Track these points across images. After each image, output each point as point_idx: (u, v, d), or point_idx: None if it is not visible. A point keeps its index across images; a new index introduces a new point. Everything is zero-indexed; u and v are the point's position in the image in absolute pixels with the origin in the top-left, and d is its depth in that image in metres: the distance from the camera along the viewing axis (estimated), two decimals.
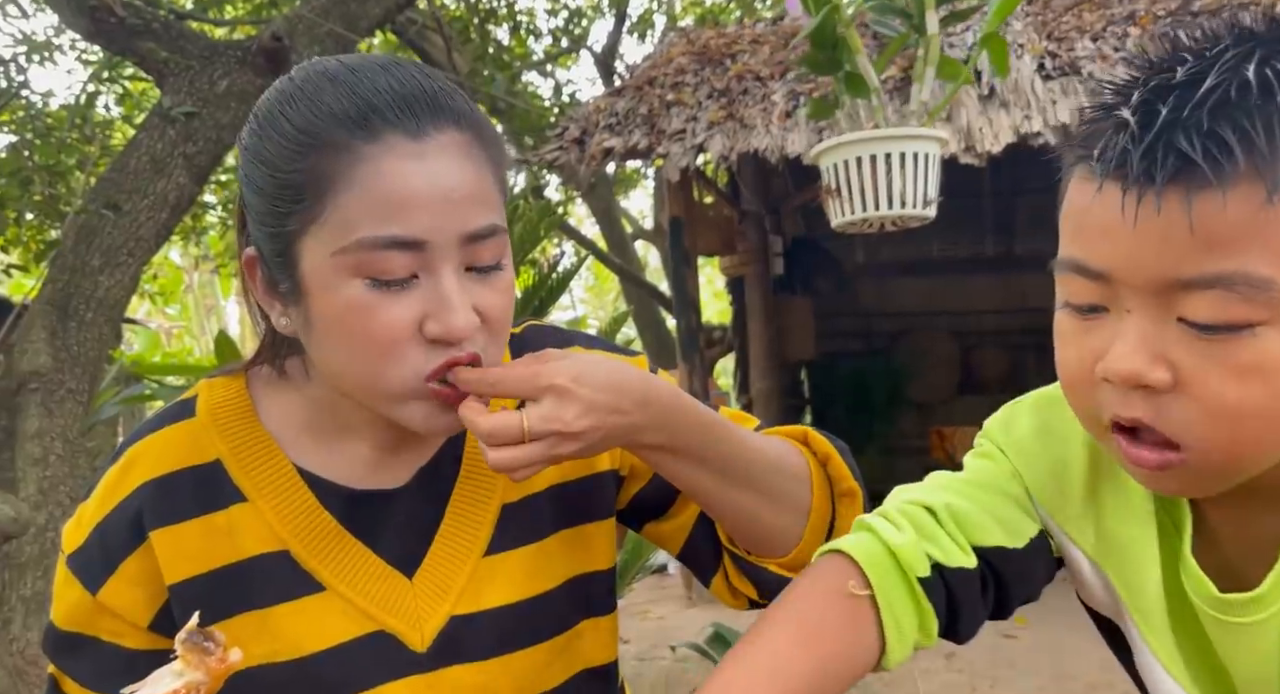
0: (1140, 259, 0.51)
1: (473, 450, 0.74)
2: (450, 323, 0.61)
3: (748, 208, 5.28)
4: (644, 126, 4.04)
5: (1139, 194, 0.49)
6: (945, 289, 6.67)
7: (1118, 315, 0.54)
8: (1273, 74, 0.49)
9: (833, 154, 2.01)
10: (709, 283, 11.62)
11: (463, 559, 0.71)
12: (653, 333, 8.13)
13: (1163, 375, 0.51)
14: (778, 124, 3.71)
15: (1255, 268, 0.49)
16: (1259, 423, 0.51)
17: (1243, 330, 0.49)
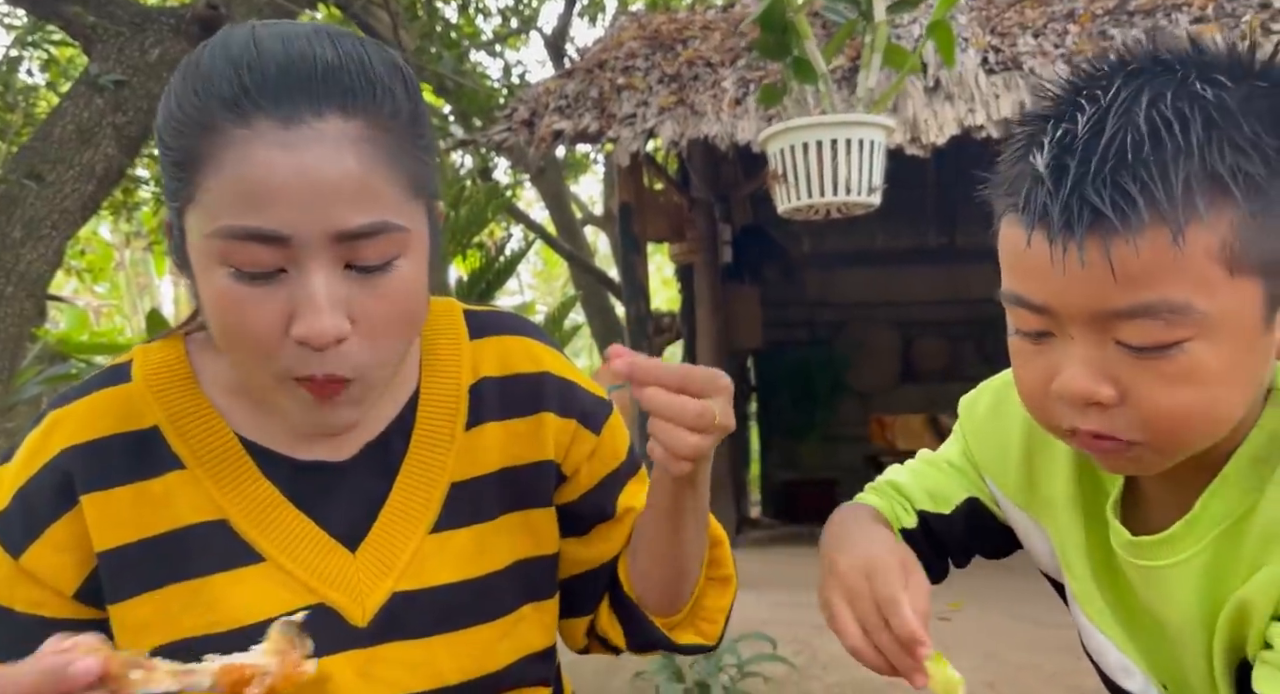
0: (1073, 296, 0.58)
1: (424, 426, 0.73)
2: (314, 325, 0.58)
3: (697, 195, 5.28)
4: (594, 110, 4.01)
5: (1063, 245, 0.57)
6: (888, 280, 6.78)
7: (1063, 340, 0.60)
8: (1159, 117, 0.55)
9: (780, 139, 2.03)
10: (658, 270, 11.62)
11: (408, 535, 0.70)
12: (601, 319, 8.11)
13: (1109, 392, 0.59)
14: (728, 111, 3.72)
15: (1173, 295, 0.55)
16: (1191, 421, 0.59)
17: (1172, 347, 0.56)
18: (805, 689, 2.85)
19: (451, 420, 0.73)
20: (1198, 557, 0.67)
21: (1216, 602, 0.67)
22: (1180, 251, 0.55)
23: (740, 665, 2.56)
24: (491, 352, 0.76)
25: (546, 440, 0.76)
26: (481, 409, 0.74)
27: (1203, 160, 0.55)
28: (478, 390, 0.74)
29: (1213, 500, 0.66)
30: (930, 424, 5.19)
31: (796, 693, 2.84)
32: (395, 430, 0.72)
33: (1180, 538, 0.67)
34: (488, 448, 0.74)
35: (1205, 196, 0.55)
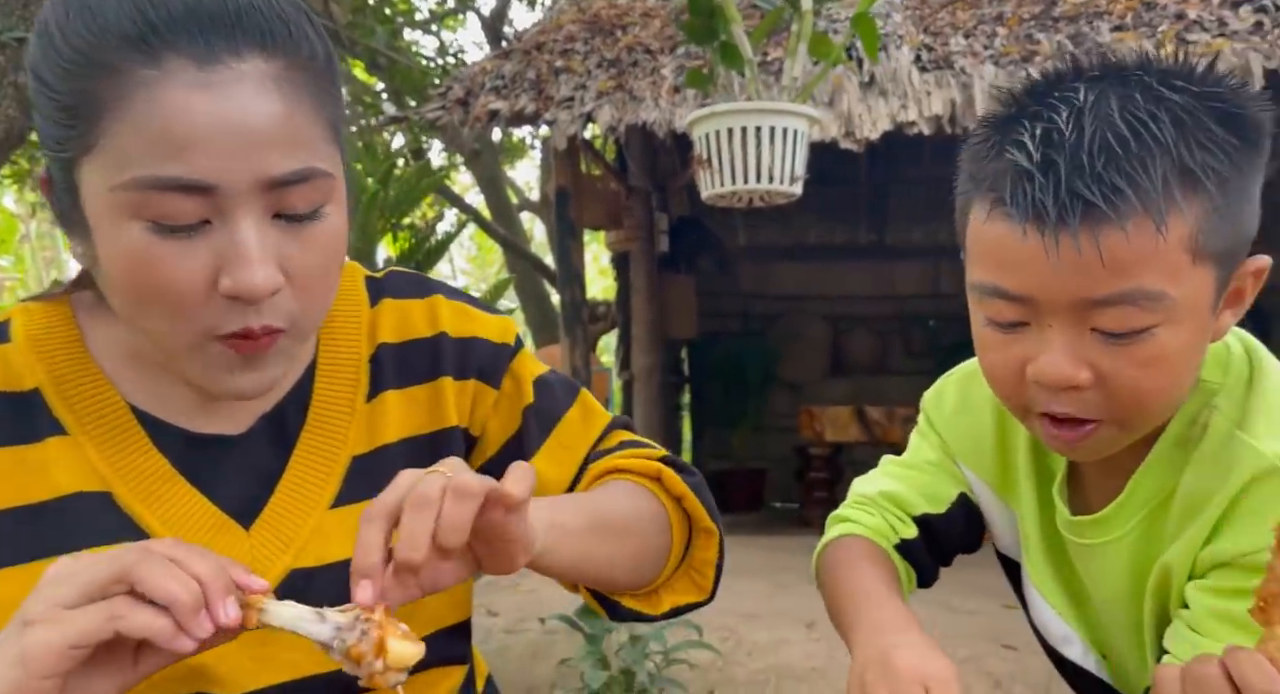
0: (1061, 286, 0.61)
1: (322, 397, 0.70)
2: (245, 279, 0.55)
3: (635, 184, 5.26)
4: (531, 91, 3.95)
5: (1056, 236, 0.60)
6: (820, 274, 6.88)
7: (1039, 328, 0.64)
8: (1133, 117, 0.59)
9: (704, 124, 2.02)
10: (594, 260, 11.59)
11: (307, 511, 0.67)
12: (536, 307, 8.03)
13: (1087, 375, 0.63)
14: (666, 98, 3.70)
15: (1151, 284, 0.60)
16: (1155, 397, 0.65)
17: (1143, 333, 0.61)
18: (729, 675, 2.87)
19: (352, 391, 0.70)
20: (1128, 535, 0.73)
21: (1144, 574, 0.73)
22: (1162, 240, 0.59)
23: (666, 652, 2.57)
24: (389, 317, 0.73)
25: (448, 406, 0.73)
26: (381, 378, 0.72)
27: (1178, 156, 0.59)
28: (376, 359, 0.72)
29: (1140, 484, 0.72)
30: (857, 416, 5.28)
31: (721, 679, 2.87)
32: (291, 402, 0.69)
33: (1111, 518, 0.73)
34: (389, 418, 0.71)
35: (1181, 189, 0.60)
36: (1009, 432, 0.83)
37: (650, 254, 5.40)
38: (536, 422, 0.77)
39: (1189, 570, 0.68)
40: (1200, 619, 0.66)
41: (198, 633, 0.50)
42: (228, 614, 0.51)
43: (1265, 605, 0.53)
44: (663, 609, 0.76)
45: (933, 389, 0.90)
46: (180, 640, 0.50)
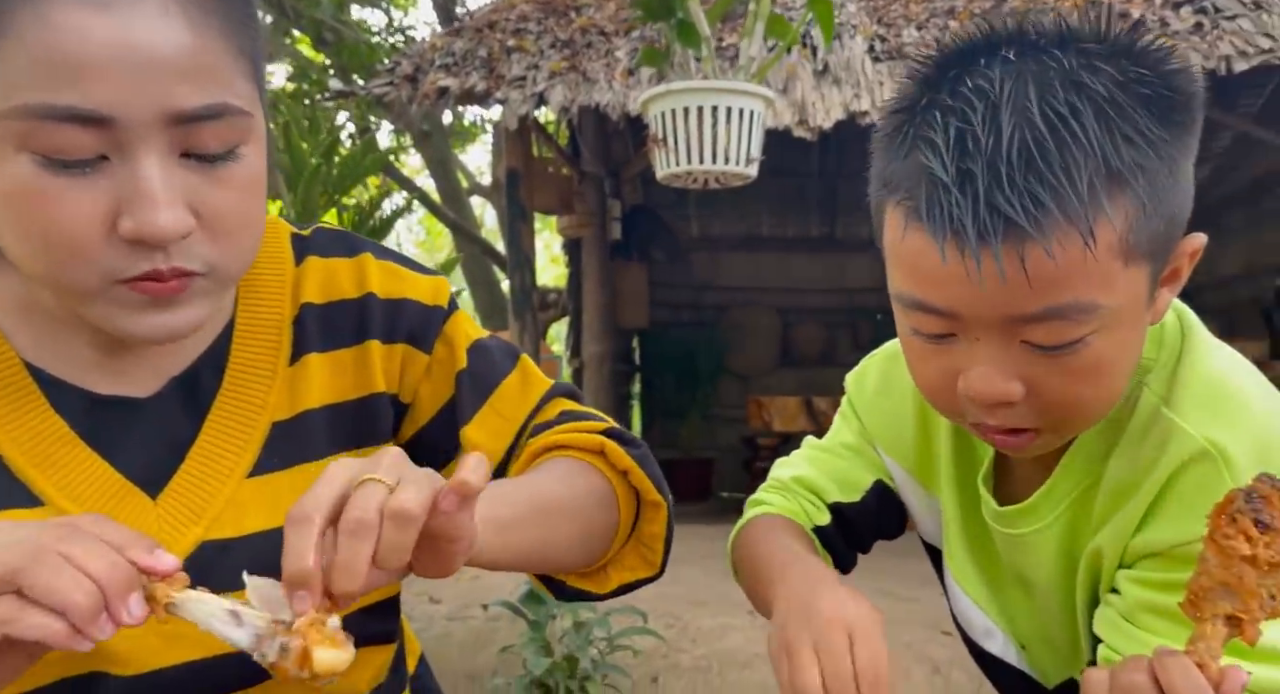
0: (986, 304, 0.57)
1: (240, 359, 0.66)
2: (148, 221, 0.51)
3: (588, 169, 5.20)
4: (482, 70, 3.87)
5: (977, 256, 0.55)
6: (771, 266, 6.93)
7: (968, 342, 0.60)
8: (1053, 112, 0.54)
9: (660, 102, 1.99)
10: (546, 248, 11.49)
11: (221, 479, 0.63)
12: (486, 293, 7.92)
13: (1018, 389, 0.59)
14: (620, 81, 3.66)
15: (1082, 296, 0.56)
16: (1091, 404, 0.62)
17: (1076, 343, 0.58)
18: (674, 661, 2.86)
19: (274, 354, 0.67)
20: (1056, 521, 0.70)
21: (1074, 559, 0.71)
22: (1090, 253, 0.55)
23: (610, 639, 2.54)
24: (315, 276, 0.69)
25: (375, 371, 0.69)
26: (304, 340, 0.68)
27: (1104, 158, 0.55)
28: (300, 321, 0.68)
29: (1067, 470, 0.70)
30: (805, 406, 5.32)
31: (665, 665, 2.85)
32: (206, 364, 0.65)
33: (1039, 506, 0.71)
34: (312, 382, 0.67)
35: (1107, 193, 0.55)
36: (930, 417, 0.79)
37: (602, 241, 5.35)
38: (471, 387, 0.73)
39: (1120, 556, 0.66)
40: (1132, 610, 0.64)
41: (96, 636, 0.46)
42: (131, 614, 0.47)
43: (1196, 599, 0.51)
44: (610, 587, 0.73)
45: (856, 368, 0.87)
46: (78, 642, 0.46)
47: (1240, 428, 0.62)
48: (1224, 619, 0.51)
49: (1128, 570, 0.66)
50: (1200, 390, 0.64)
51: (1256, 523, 0.51)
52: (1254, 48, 3.18)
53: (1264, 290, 4.65)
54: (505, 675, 2.64)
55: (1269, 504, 0.52)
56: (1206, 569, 0.52)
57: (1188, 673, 0.48)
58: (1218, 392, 0.64)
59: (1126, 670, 0.50)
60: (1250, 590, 0.50)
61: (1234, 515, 0.52)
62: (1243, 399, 0.64)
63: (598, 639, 2.53)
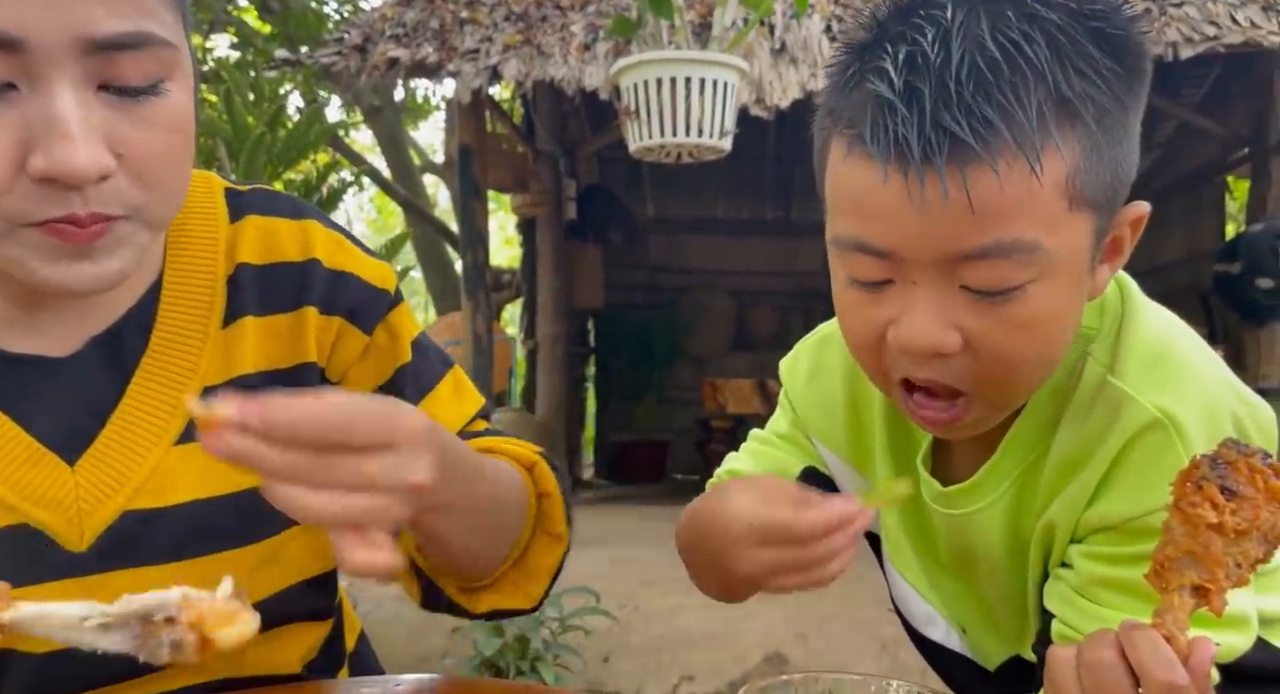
0: (926, 238, 0.55)
1: (168, 320, 0.62)
2: (62, 159, 0.47)
3: (543, 147, 5.13)
4: (434, 41, 3.77)
5: (921, 177, 0.53)
6: (727, 249, 6.94)
7: (904, 287, 0.57)
8: (1005, 39, 0.53)
9: (633, 73, 1.95)
10: (501, 228, 11.34)
11: (146, 446, 0.60)
12: (438, 273, 7.79)
13: (954, 341, 0.57)
14: (576, 55, 3.59)
15: (1025, 234, 0.54)
16: (1028, 364, 0.59)
17: (1016, 290, 0.55)
18: (625, 641, 2.86)
19: (205, 315, 0.63)
20: (1001, 499, 0.68)
21: (1021, 536, 0.69)
22: (1036, 183, 0.53)
23: (562, 620, 2.52)
24: (253, 235, 0.66)
25: (309, 340, 0.66)
26: (239, 302, 0.64)
27: (1054, 83, 0.54)
28: (235, 281, 0.64)
29: (1012, 445, 0.68)
30: (759, 389, 5.35)
31: (617, 645, 2.85)
32: (131, 324, 0.61)
33: (984, 483, 0.69)
34: (246, 346, 0.64)
35: (1057, 122, 0.54)
36: (862, 400, 0.77)
37: (557, 221, 5.29)
38: (412, 384, 0.70)
39: (1072, 531, 0.65)
40: (1086, 585, 0.63)
41: None
42: None
43: (1161, 570, 0.50)
44: (483, 609, 0.69)
45: (789, 356, 0.84)
46: None
47: (1189, 395, 0.61)
48: (1190, 589, 0.49)
49: (1080, 545, 0.65)
50: (1144, 356, 0.63)
51: (1223, 489, 0.50)
52: (1200, 34, 3.25)
53: (1202, 277, 4.78)
54: (455, 657, 2.60)
55: (1234, 470, 0.51)
56: (1172, 539, 0.50)
57: (1156, 647, 0.46)
58: (1162, 357, 0.63)
59: (1093, 647, 0.48)
60: (1217, 559, 0.49)
61: (1200, 483, 0.51)
62: (1188, 364, 0.63)
63: (549, 620, 2.51)
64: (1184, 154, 5.50)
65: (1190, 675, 0.46)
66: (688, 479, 6.46)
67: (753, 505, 0.59)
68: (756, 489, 0.61)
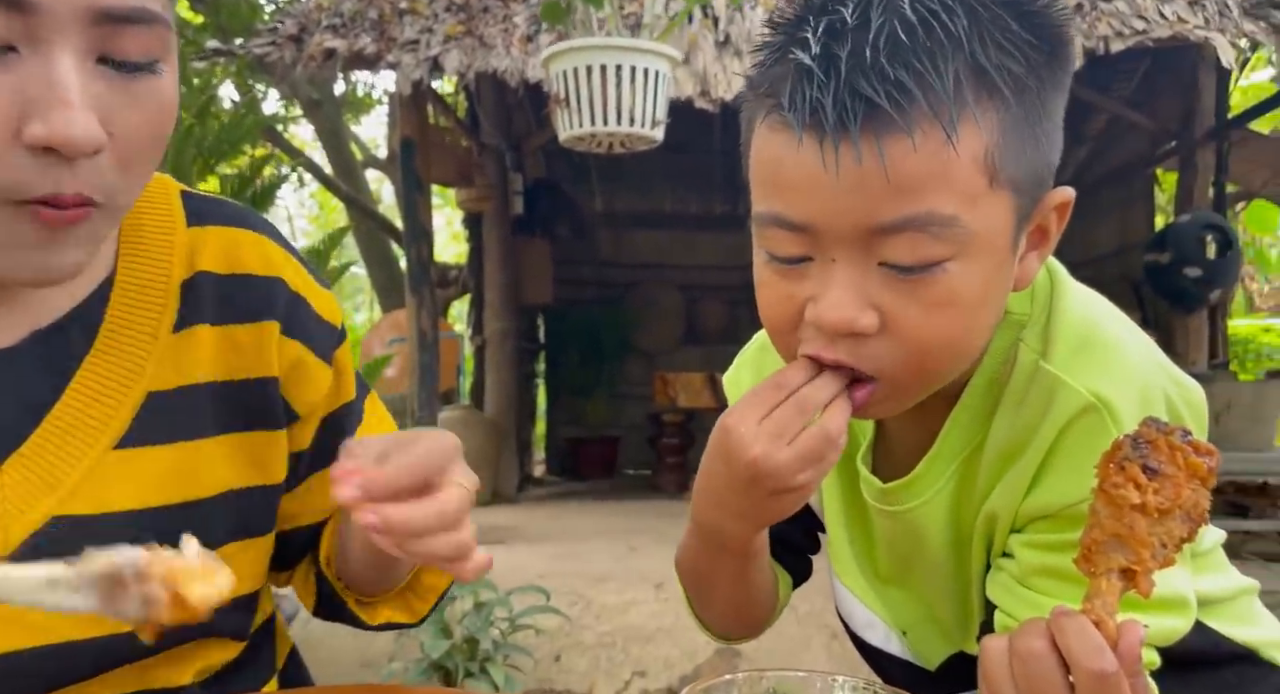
0: (842, 209, 0.54)
1: (117, 320, 0.59)
2: (62, 126, 0.46)
3: (488, 141, 5.05)
4: (373, 32, 3.68)
5: (836, 143, 0.53)
6: (675, 243, 6.94)
7: (823, 264, 0.57)
8: (924, 8, 0.53)
9: (562, 60, 1.91)
10: (448, 224, 11.18)
11: (81, 449, 0.57)
12: (384, 270, 7.65)
13: (870, 320, 0.56)
14: (519, 47, 3.54)
15: (941, 206, 0.54)
16: (946, 349, 0.58)
17: (935, 267, 0.55)
18: (577, 639, 2.83)
19: (156, 317, 0.61)
20: (942, 492, 0.68)
21: (963, 529, 0.69)
22: (952, 154, 0.53)
23: (511, 619, 2.49)
24: (215, 243, 0.64)
25: (270, 353, 0.64)
26: (195, 309, 0.62)
27: (971, 52, 0.53)
28: (192, 286, 0.62)
29: (951, 433, 0.67)
30: (709, 382, 5.37)
31: (569, 643, 2.82)
32: (77, 322, 0.59)
33: (924, 477, 0.68)
34: (200, 355, 0.62)
35: (974, 92, 0.54)
36: None
37: (504, 215, 5.22)
38: (350, 421, 0.71)
39: (1012, 520, 0.65)
40: (1026, 574, 0.63)
41: None
42: None
43: (1089, 554, 0.49)
44: (378, 621, 0.71)
45: (731, 369, 0.84)
46: None
47: (1120, 377, 0.61)
48: (1118, 573, 0.49)
49: (1020, 534, 0.65)
50: (1074, 340, 0.62)
51: (1145, 469, 0.50)
52: (1129, 29, 3.33)
53: (1134, 267, 4.93)
54: (402, 659, 2.55)
55: (1155, 449, 0.50)
56: (1098, 522, 0.50)
57: (1084, 632, 0.46)
58: (1091, 340, 0.62)
59: (1023, 636, 0.48)
60: (1142, 540, 0.49)
61: (1122, 463, 0.50)
62: (1118, 346, 0.63)
63: (499, 619, 2.47)
64: (1115, 148, 5.66)
65: (1119, 661, 0.45)
66: (639, 474, 6.46)
67: (739, 409, 0.60)
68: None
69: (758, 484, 0.59)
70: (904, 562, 0.74)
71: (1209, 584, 0.68)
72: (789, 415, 0.58)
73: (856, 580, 0.77)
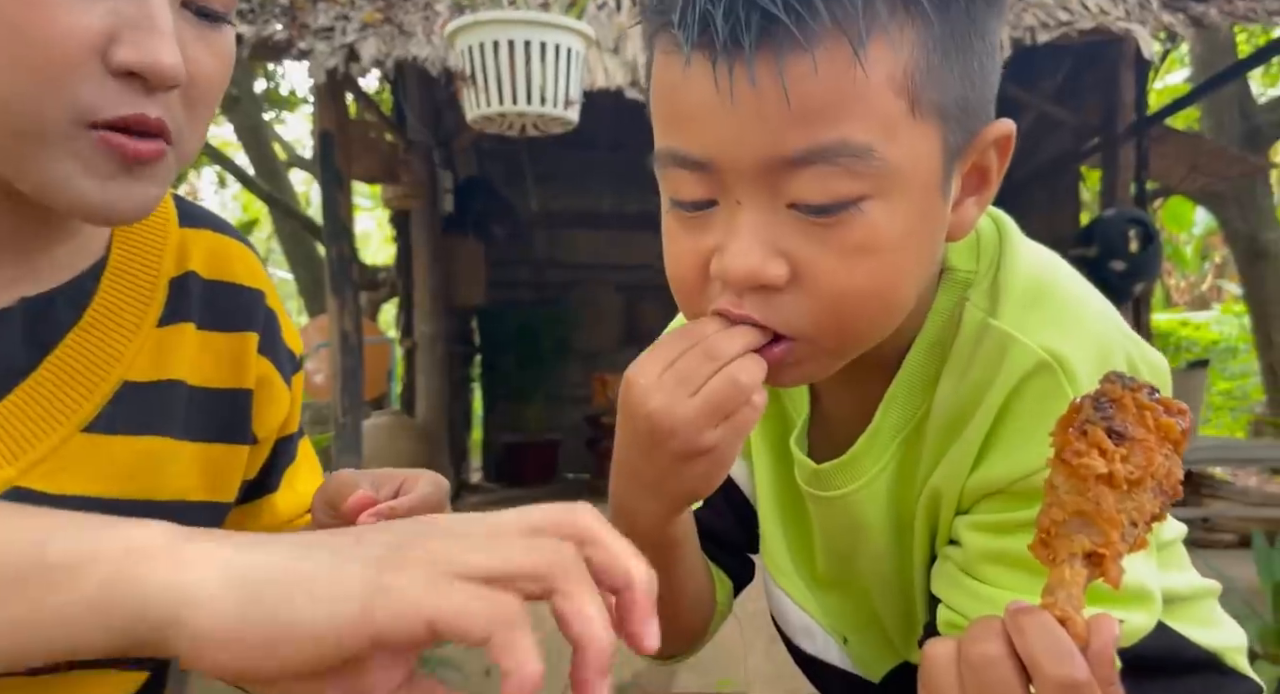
0: (741, 140, 0.49)
1: (104, 302, 0.59)
2: (153, 51, 0.47)
3: (414, 137, 4.88)
4: (283, 18, 3.49)
5: (730, 64, 0.47)
6: (614, 243, 6.86)
7: (728, 209, 0.51)
8: None
9: (468, 35, 1.81)
10: (380, 226, 10.90)
11: (51, 423, 0.56)
12: (309, 273, 7.39)
13: (779, 270, 0.50)
14: (440, 34, 3.40)
15: (853, 135, 0.48)
16: (867, 303, 0.51)
17: (850, 207, 0.49)
18: None
19: (142, 307, 0.61)
20: (882, 473, 0.60)
21: (906, 516, 0.60)
22: (861, 74, 0.47)
23: None
24: (204, 247, 0.65)
25: (249, 366, 0.65)
26: (181, 306, 0.63)
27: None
28: (181, 284, 0.63)
29: (891, 406, 0.59)
30: None
31: None
32: (65, 297, 0.58)
33: (862, 456, 0.60)
34: (183, 353, 0.62)
35: (888, 5, 0.46)
36: None
37: (433, 214, 5.06)
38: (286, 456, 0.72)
39: (958, 500, 0.57)
40: (972, 561, 0.55)
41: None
42: None
43: (1048, 538, 0.41)
44: None
45: (670, 324, 0.76)
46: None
47: (1077, 333, 0.53)
48: (1083, 558, 0.40)
49: (966, 516, 0.56)
50: (1026, 295, 0.55)
51: (1110, 433, 0.41)
52: (1054, 20, 3.37)
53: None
54: None
55: (1121, 409, 0.42)
56: (1057, 498, 0.41)
57: (1047, 632, 0.37)
58: (1045, 294, 0.55)
59: (975, 640, 0.39)
60: (1110, 518, 0.40)
61: (1083, 427, 0.42)
62: (1074, 301, 0.55)
63: None
64: (1043, 144, 5.78)
65: (1091, 665, 0.36)
66: (579, 478, 6.34)
67: (641, 360, 0.55)
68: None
69: (661, 444, 0.52)
70: (843, 560, 0.66)
71: (1172, 581, 0.61)
72: (694, 363, 0.51)
73: (792, 582, 0.70)
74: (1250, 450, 4.46)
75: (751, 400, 0.51)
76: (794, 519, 0.69)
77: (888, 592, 0.64)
